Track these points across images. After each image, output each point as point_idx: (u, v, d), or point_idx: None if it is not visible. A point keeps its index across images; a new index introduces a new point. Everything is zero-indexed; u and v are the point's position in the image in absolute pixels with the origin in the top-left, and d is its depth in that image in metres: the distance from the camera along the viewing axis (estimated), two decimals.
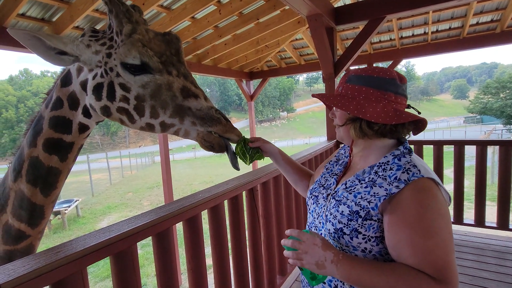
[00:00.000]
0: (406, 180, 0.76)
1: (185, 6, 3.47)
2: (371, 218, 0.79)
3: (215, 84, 74.20)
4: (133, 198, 12.86)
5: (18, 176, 1.12)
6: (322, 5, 2.90)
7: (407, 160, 0.81)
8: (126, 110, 0.97)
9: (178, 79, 0.96)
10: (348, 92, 0.88)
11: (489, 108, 29.99)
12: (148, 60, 0.93)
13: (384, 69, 0.86)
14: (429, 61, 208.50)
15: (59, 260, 0.77)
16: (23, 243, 1.18)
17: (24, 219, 1.14)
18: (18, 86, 58.95)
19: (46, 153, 1.08)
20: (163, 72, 0.95)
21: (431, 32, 4.88)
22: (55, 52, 0.95)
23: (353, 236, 0.81)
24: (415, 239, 0.71)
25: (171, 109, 0.95)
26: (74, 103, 1.06)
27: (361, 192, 0.83)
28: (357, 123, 0.87)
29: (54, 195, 1.16)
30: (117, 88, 0.96)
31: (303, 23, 4.54)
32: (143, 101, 0.95)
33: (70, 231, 9.07)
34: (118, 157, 24.32)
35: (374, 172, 0.84)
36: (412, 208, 0.73)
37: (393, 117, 0.80)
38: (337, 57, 3.49)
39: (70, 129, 1.08)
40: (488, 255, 2.59)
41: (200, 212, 1.32)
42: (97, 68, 0.98)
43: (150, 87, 0.94)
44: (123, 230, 0.96)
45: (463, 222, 3.02)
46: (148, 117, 0.96)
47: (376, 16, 3.15)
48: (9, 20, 2.64)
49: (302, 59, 6.17)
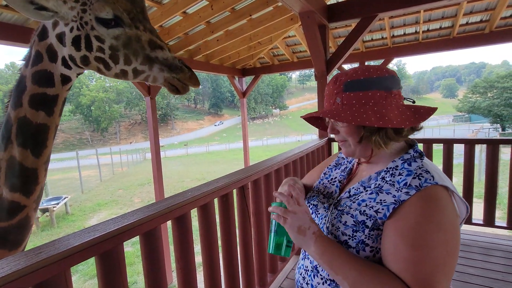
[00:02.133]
0: (417, 186, 0.69)
1: (176, 0, 3.41)
2: (378, 227, 0.72)
3: (208, 81, 73.71)
4: (123, 195, 12.72)
5: (8, 143, 1.13)
6: (314, 2, 2.88)
7: (419, 165, 0.74)
8: (102, 59, 1.08)
9: (145, 33, 1.08)
10: (353, 102, 0.76)
11: (477, 107, 30.64)
12: (120, 14, 1.04)
13: (376, 67, 0.78)
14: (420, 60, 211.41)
15: (40, 261, 0.75)
16: (18, 216, 1.16)
17: (17, 187, 1.14)
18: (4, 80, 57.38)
19: (33, 109, 1.12)
20: (132, 26, 1.06)
21: (422, 32, 4.93)
22: (34, 7, 1.01)
23: (359, 249, 0.73)
24: (400, 249, 0.65)
25: (141, 57, 1.07)
26: (53, 55, 1.11)
27: (365, 200, 0.76)
28: (382, 132, 0.75)
29: (45, 155, 1.18)
30: (93, 40, 1.06)
31: (296, 20, 4.52)
32: (117, 50, 1.06)
33: (59, 228, 8.92)
34: (108, 153, 23.97)
35: (381, 178, 0.77)
36: (411, 216, 0.67)
37: (412, 116, 0.72)
38: (329, 54, 3.48)
39: (52, 81, 1.13)
40: (474, 251, 2.64)
41: (189, 210, 1.30)
42: (72, 22, 1.06)
43: (122, 39, 1.06)
44: (109, 230, 0.94)
45: None
46: (122, 64, 1.08)
47: (369, 14, 3.16)
48: None
49: (295, 56, 6.16)
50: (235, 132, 58.75)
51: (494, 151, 2.85)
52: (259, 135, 49.91)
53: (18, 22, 2.87)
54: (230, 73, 6.23)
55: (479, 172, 9.35)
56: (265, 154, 22.70)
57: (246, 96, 6.77)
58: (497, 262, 2.46)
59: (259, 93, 68.25)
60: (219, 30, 4.24)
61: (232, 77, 6.43)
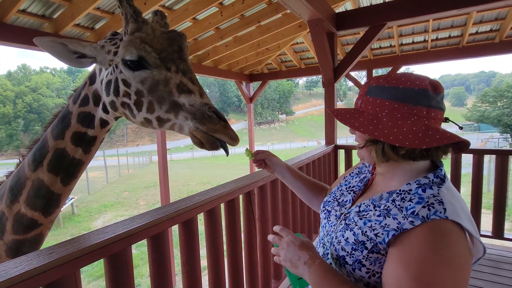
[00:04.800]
0: (424, 217, 0.64)
1: (187, 7, 3.47)
2: (378, 251, 0.69)
3: (215, 85, 74.22)
4: (129, 197, 12.81)
5: (38, 166, 1.17)
6: (323, 10, 2.91)
7: (434, 193, 0.67)
8: (128, 105, 1.02)
9: (176, 75, 0.98)
10: (368, 107, 0.74)
11: (487, 117, 30.19)
12: (145, 55, 0.96)
13: (413, 76, 0.71)
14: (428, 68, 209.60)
15: (52, 261, 0.77)
16: (34, 232, 1.21)
17: (39, 207, 1.18)
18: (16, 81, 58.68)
19: (73, 145, 1.16)
20: (161, 68, 0.97)
21: (431, 40, 4.91)
22: (75, 56, 1.04)
23: (355, 267, 0.72)
24: (403, 281, 0.60)
25: (167, 104, 0.96)
26: (97, 100, 1.14)
27: (372, 220, 0.72)
28: (379, 145, 0.73)
29: (73, 184, 1.23)
30: (120, 84, 1.01)
31: (304, 27, 4.56)
32: (142, 96, 0.98)
33: (65, 229, 9.01)
34: (115, 155, 24.22)
35: (391, 200, 0.72)
36: (418, 248, 0.62)
37: (423, 139, 0.65)
38: (337, 62, 3.50)
39: (93, 123, 1.16)
40: (483, 264, 2.59)
41: (196, 215, 1.31)
42: (109, 66, 1.05)
43: (148, 83, 0.98)
44: (118, 232, 0.95)
45: None
46: (145, 111, 0.99)
47: (377, 22, 3.17)
48: (9, 16, 2.63)
49: (303, 62, 6.18)
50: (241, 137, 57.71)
51: (503, 162, 2.81)
52: (265, 140, 49.93)
53: (33, 27, 2.96)
54: (237, 78, 6.28)
55: (488, 183, 9.20)
56: None
57: (253, 102, 6.81)
58: (506, 276, 2.41)
59: (265, 98, 68.42)
60: (228, 36, 4.30)
61: (239, 82, 6.48)
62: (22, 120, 47.85)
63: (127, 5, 1.00)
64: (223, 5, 3.70)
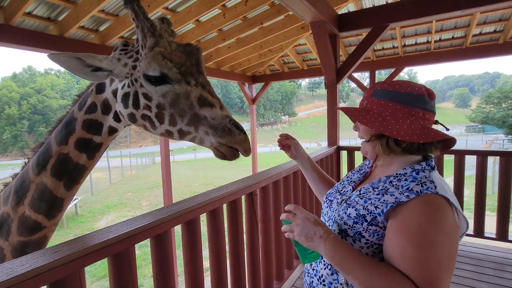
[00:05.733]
0: (418, 191, 0.74)
1: (190, 9, 3.49)
2: (377, 224, 0.79)
3: (218, 87, 74.33)
4: (132, 198, 12.86)
5: (42, 170, 1.19)
6: (326, 12, 2.91)
7: (425, 175, 0.79)
8: (148, 117, 1.05)
9: (196, 89, 1.01)
10: (374, 107, 0.86)
11: (491, 118, 29.95)
12: (167, 71, 0.99)
13: (412, 84, 0.84)
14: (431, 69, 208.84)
15: (57, 260, 0.78)
16: (38, 234, 1.24)
17: (42, 210, 1.20)
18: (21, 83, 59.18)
19: (76, 151, 1.18)
20: (182, 82, 1.00)
21: (434, 41, 4.90)
22: (91, 69, 1.04)
23: (356, 239, 0.82)
24: (407, 249, 0.70)
25: (188, 117, 0.99)
26: (107, 109, 1.15)
27: (372, 198, 0.83)
28: (383, 139, 0.84)
29: (75, 189, 1.26)
30: (140, 97, 1.04)
31: (306, 29, 4.56)
32: (163, 109, 1.01)
33: (68, 229, 9.07)
34: (118, 156, 24.35)
35: (389, 181, 0.84)
36: (414, 217, 0.71)
37: (420, 135, 0.77)
38: (339, 63, 3.50)
39: (100, 131, 1.18)
40: (487, 266, 2.57)
41: (199, 215, 1.32)
42: (125, 79, 1.06)
43: (170, 96, 1.00)
44: (122, 232, 0.96)
45: None
46: (167, 124, 1.02)
47: (380, 24, 3.17)
48: (15, 18, 2.66)
49: (305, 64, 6.19)
50: None
51: (507, 163, 2.79)
52: (267, 141, 49.89)
53: (38, 29, 2.99)
54: (240, 79, 6.30)
55: (492, 185, 9.12)
56: (273, 161, 22.65)
57: (255, 103, 6.82)
58: (511, 278, 2.39)
59: (268, 99, 68.44)
60: (230, 38, 4.32)
61: (242, 83, 6.50)
62: (27, 121, 48.26)
63: (144, 19, 1.01)
64: (226, 7, 3.72)
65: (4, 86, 54.61)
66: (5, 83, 55.64)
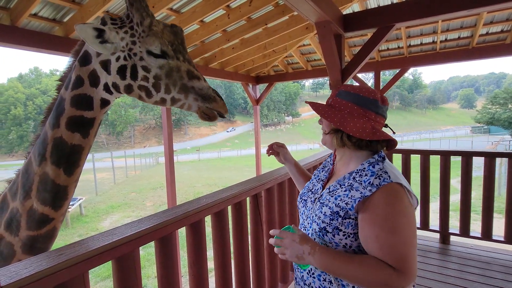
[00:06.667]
0: (377, 184, 0.88)
1: (194, 9, 3.49)
2: (349, 217, 0.90)
3: (221, 87, 74.50)
4: (136, 198, 12.91)
5: (42, 160, 1.20)
6: (331, 12, 2.89)
7: (380, 167, 0.92)
8: (145, 87, 1.16)
9: (184, 64, 1.17)
10: (336, 105, 0.98)
11: (497, 119, 29.65)
12: (166, 49, 1.14)
13: (370, 90, 0.97)
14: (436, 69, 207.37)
15: (61, 263, 0.77)
16: (46, 227, 1.24)
17: (48, 201, 1.21)
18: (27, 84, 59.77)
19: (69, 131, 1.18)
20: (174, 57, 1.15)
21: (439, 41, 4.85)
22: (99, 41, 1.10)
23: (335, 233, 0.93)
24: (381, 235, 0.83)
25: (179, 86, 1.15)
26: (95, 81, 1.18)
27: (341, 195, 0.94)
28: (338, 134, 0.98)
29: (77, 174, 1.25)
30: (139, 70, 1.13)
31: (311, 29, 4.54)
32: (160, 79, 1.14)
33: (73, 229, 9.11)
34: (123, 156, 24.47)
35: (352, 177, 0.95)
36: (380, 208, 0.85)
37: (369, 133, 0.91)
38: (344, 63, 3.47)
39: (91, 105, 1.19)
40: (495, 270, 2.53)
41: (203, 217, 1.31)
42: (120, 52, 1.13)
43: (165, 69, 1.14)
44: (126, 234, 0.96)
45: (470, 235, 2.97)
46: (163, 92, 1.15)
47: (385, 24, 3.14)
48: (21, 19, 2.68)
49: (309, 64, 6.16)
50: (247, 139, 58.90)
51: None
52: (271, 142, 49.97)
53: (44, 30, 3.01)
54: (244, 80, 6.29)
55: (498, 186, 9.01)
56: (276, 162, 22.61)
57: (259, 104, 6.80)
58: None
59: (272, 100, 68.42)
60: (234, 38, 4.31)
61: (246, 84, 6.49)
62: (33, 122, 48.75)
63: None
64: (230, 8, 3.71)
65: (10, 87, 55.22)
66: (11, 84, 56.25)
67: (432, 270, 2.57)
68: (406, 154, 3.26)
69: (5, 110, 52.08)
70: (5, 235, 1.24)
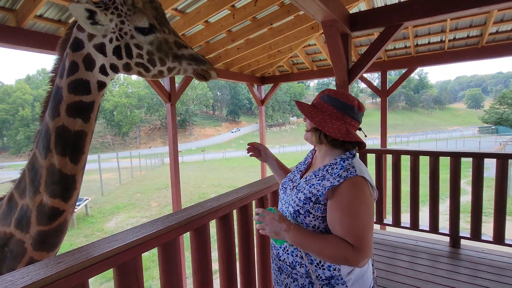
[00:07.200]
0: (345, 176, 1.02)
1: (199, 10, 3.47)
2: (319, 202, 1.04)
3: (226, 88, 74.62)
4: (141, 199, 12.95)
5: (48, 152, 1.20)
6: (337, 11, 2.84)
7: (349, 163, 1.07)
8: (142, 64, 1.21)
9: (170, 36, 1.24)
10: (319, 107, 1.12)
11: (505, 119, 29.20)
12: (154, 22, 1.20)
13: (350, 96, 1.11)
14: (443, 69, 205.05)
15: (59, 272, 0.74)
16: (58, 220, 1.24)
17: (57, 193, 1.21)
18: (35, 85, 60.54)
19: (70, 118, 1.19)
20: (161, 31, 1.22)
21: (448, 40, 4.76)
22: (90, 22, 1.13)
23: (306, 215, 1.06)
24: (343, 219, 0.99)
25: (171, 56, 1.23)
26: (90, 64, 1.19)
27: (314, 184, 1.08)
28: (317, 132, 1.12)
29: (83, 161, 1.25)
30: (133, 48, 1.19)
31: (316, 29, 4.49)
32: (153, 54, 1.20)
33: (79, 229, 9.16)
34: (128, 157, 24.61)
35: (325, 170, 1.10)
36: (345, 196, 0.99)
37: (343, 135, 1.05)
38: (351, 63, 3.42)
39: (89, 89, 1.21)
40: (508, 275, 2.45)
41: (208, 222, 1.27)
42: (111, 33, 1.17)
43: (155, 44, 1.20)
44: (128, 240, 0.92)
45: (481, 239, 2.88)
46: (159, 65, 1.22)
47: (393, 23, 3.07)
48: (27, 21, 2.67)
49: (315, 65, 6.11)
50: (251, 139, 58.84)
51: None
52: (275, 142, 49.78)
53: (49, 31, 3.01)
54: (249, 81, 6.25)
55: (509, 188, 8.84)
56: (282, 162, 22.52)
57: (264, 104, 6.76)
58: None
59: (276, 100, 68.32)
60: (239, 39, 4.27)
61: (251, 85, 6.45)
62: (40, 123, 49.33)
63: None
64: (235, 8, 3.68)
65: (18, 88, 55.99)
66: (19, 85, 57.02)
67: (443, 275, 2.50)
68: (415, 155, 3.19)
69: (13, 111, 52.83)
70: (15, 233, 1.24)
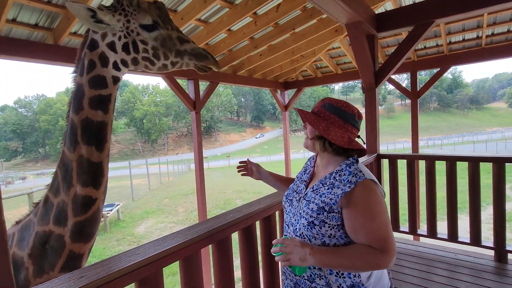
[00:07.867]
0: (355, 181, 1.02)
1: (221, 19, 3.51)
2: (333, 211, 1.03)
3: (250, 94, 75.25)
4: (169, 204, 13.28)
5: (76, 145, 1.32)
6: (362, 12, 2.74)
7: (355, 167, 1.07)
8: (148, 58, 1.35)
9: (173, 32, 1.37)
10: (321, 115, 1.13)
11: None
12: (157, 19, 1.33)
13: (350, 105, 1.14)
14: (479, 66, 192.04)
15: (82, 287, 0.74)
16: (91, 209, 1.34)
17: (88, 182, 1.32)
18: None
19: (92, 110, 1.32)
20: (164, 28, 1.35)
21: (485, 36, 4.44)
22: (94, 20, 1.26)
23: (321, 226, 1.04)
24: (365, 223, 0.98)
25: (174, 51, 1.35)
26: (105, 61, 1.34)
27: (324, 193, 1.07)
28: (321, 140, 1.13)
29: (107, 149, 1.38)
30: (139, 44, 1.33)
31: (340, 32, 4.38)
32: (157, 49, 1.34)
33: (111, 233, 9.56)
34: (157, 163, 25.45)
35: (332, 177, 1.09)
36: (362, 201, 1.00)
37: (346, 142, 1.07)
38: (378, 65, 3.28)
39: (105, 83, 1.35)
40: None
41: (230, 234, 1.24)
42: (119, 32, 1.32)
43: (159, 39, 1.34)
44: (150, 254, 0.91)
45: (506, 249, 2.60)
46: (163, 59, 1.36)
47: (423, 21, 2.92)
48: (62, 38, 2.85)
49: (339, 68, 5.96)
50: (276, 144, 58.68)
51: None
52: (299, 147, 49.19)
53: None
54: (272, 86, 6.23)
55: None
56: None
57: (288, 109, 6.70)
58: None
59: (300, 105, 67.74)
60: (262, 45, 4.27)
61: (274, 90, 6.43)
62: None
63: None
64: (257, 15, 3.68)
65: (58, 100, 60.25)
66: (59, 98, 61.34)
67: None
68: (452, 162, 2.97)
69: (54, 122, 56.84)
70: (54, 229, 1.33)
